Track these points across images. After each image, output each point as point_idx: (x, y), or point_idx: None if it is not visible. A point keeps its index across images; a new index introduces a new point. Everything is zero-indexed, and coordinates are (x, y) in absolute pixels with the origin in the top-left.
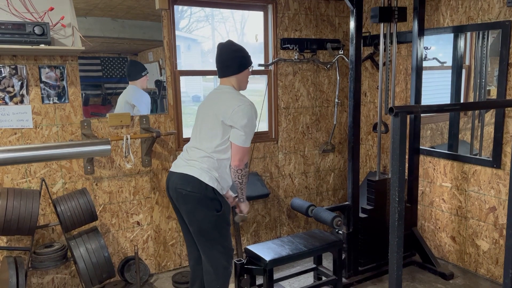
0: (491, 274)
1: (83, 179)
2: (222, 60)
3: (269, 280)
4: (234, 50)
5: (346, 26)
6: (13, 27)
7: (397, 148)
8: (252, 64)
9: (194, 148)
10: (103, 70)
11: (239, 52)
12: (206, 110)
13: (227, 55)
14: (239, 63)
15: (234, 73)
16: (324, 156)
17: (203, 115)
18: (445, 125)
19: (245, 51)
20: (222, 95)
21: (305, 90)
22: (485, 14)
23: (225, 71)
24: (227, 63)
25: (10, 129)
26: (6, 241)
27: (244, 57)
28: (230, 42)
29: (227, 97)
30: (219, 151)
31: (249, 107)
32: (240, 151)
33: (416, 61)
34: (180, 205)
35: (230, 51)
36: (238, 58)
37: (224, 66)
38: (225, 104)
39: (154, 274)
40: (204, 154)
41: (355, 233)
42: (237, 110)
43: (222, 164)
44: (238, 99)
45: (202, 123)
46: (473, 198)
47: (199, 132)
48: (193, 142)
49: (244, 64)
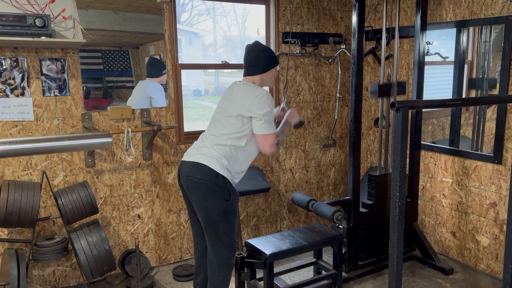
0: (491, 269)
1: (84, 172)
2: (248, 60)
3: (269, 273)
4: (261, 50)
5: (348, 20)
6: (14, 19)
7: (399, 143)
8: (278, 64)
9: (209, 135)
10: (104, 63)
11: (265, 52)
12: (223, 102)
13: (254, 55)
14: (265, 63)
15: (259, 72)
16: (325, 151)
17: (220, 108)
18: (447, 120)
19: (271, 51)
20: (239, 87)
21: (306, 84)
22: (488, 9)
23: (251, 71)
24: (252, 63)
25: (11, 122)
26: (7, 233)
27: (269, 56)
28: (257, 42)
29: (243, 90)
30: (234, 138)
31: (266, 96)
32: (267, 138)
33: (418, 56)
34: (191, 192)
35: (256, 51)
36: (264, 58)
37: (249, 65)
38: (242, 97)
39: (154, 267)
40: (217, 142)
41: (355, 227)
42: (254, 101)
43: (235, 151)
44: (253, 91)
45: (218, 114)
46: (474, 194)
47: (214, 122)
48: (209, 130)
49: (269, 64)
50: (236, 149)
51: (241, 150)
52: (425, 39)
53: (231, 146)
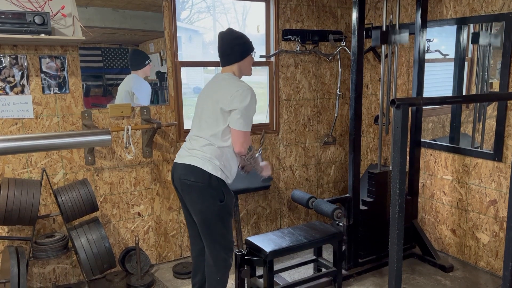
0: (490, 266)
1: (84, 170)
2: (223, 49)
3: (269, 271)
4: (234, 38)
5: (349, 17)
6: (13, 17)
7: (399, 140)
8: (254, 50)
9: (196, 136)
10: (104, 60)
11: (239, 39)
12: (205, 98)
13: (228, 43)
14: (240, 51)
15: (236, 61)
16: (325, 148)
17: (202, 104)
18: (447, 118)
19: (246, 38)
20: (220, 81)
21: (306, 82)
22: (489, 6)
23: (227, 60)
24: (228, 52)
25: (10, 119)
26: (7, 231)
27: (244, 43)
28: (230, 30)
29: (225, 84)
30: (220, 139)
31: (248, 91)
32: (240, 135)
33: (418, 53)
34: (185, 195)
35: (230, 39)
36: (239, 45)
37: (225, 55)
38: (224, 91)
39: (154, 264)
40: (205, 143)
41: (355, 225)
42: (236, 95)
43: (224, 151)
44: (236, 85)
45: (202, 111)
46: (474, 191)
47: (199, 120)
48: (194, 131)
49: (245, 51)
50: (225, 148)
51: (230, 149)
52: (425, 36)
53: (219, 147)
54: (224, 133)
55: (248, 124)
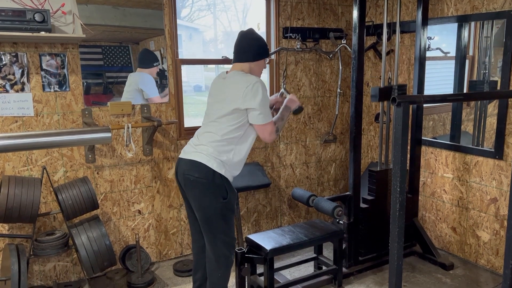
0: (491, 265)
1: (84, 168)
2: (240, 46)
3: (269, 269)
4: (253, 38)
5: (349, 15)
6: (13, 14)
7: (399, 138)
8: (269, 56)
9: (204, 132)
10: (104, 58)
11: (258, 41)
12: (216, 97)
13: (246, 41)
14: (255, 52)
15: (248, 60)
16: (325, 147)
17: (212, 102)
18: (448, 116)
19: (264, 42)
20: (230, 78)
21: (307, 79)
22: (490, 3)
23: (241, 57)
24: (244, 49)
25: (11, 117)
26: (8, 229)
27: (261, 46)
28: (252, 30)
29: (234, 81)
30: (231, 131)
31: (258, 84)
32: (266, 128)
33: (419, 51)
34: (188, 190)
35: (249, 38)
36: (256, 46)
37: (241, 51)
38: (234, 88)
39: (155, 262)
40: (213, 138)
41: (355, 223)
42: (247, 91)
43: (233, 143)
44: (245, 80)
45: (212, 109)
46: (475, 189)
47: (208, 118)
48: (204, 127)
49: (260, 54)
50: (234, 141)
51: (239, 141)
52: (426, 34)
53: (228, 139)
54: (234, 131)
55: (268, 114)
